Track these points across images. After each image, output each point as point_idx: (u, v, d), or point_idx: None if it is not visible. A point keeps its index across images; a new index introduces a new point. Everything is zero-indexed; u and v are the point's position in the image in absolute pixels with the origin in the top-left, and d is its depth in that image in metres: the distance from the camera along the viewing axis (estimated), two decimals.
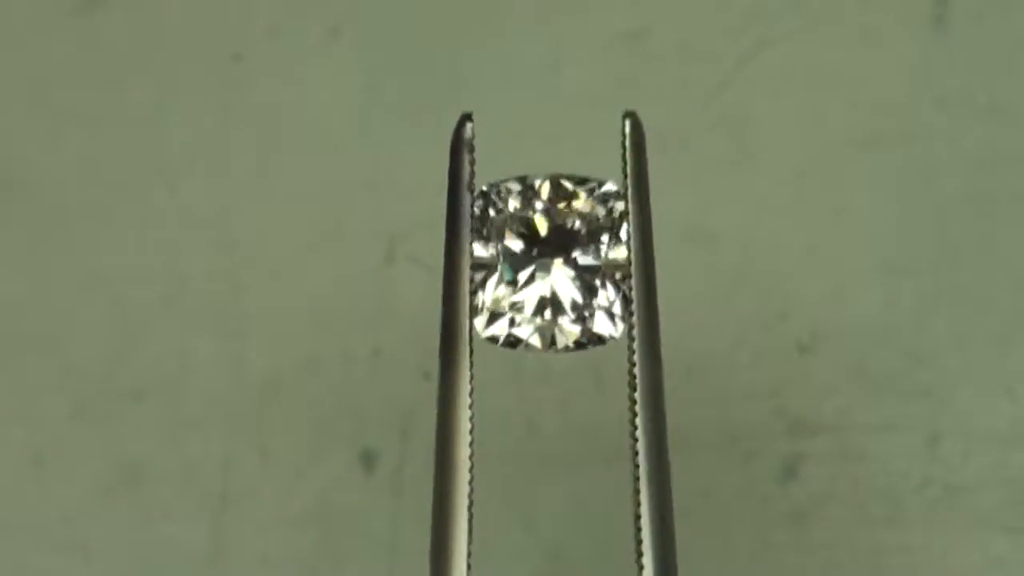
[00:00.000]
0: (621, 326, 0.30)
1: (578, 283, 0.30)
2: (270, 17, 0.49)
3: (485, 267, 0.31)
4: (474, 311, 0.31)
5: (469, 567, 0.28)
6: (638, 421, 0.29)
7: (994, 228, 0.45)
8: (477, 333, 0.30)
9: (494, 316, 0.31)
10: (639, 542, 0.29)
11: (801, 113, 0.46)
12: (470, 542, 0.28)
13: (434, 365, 0.45)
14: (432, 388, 0.45)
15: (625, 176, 0.30)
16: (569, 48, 0.48)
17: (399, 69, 0.48)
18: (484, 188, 0.31)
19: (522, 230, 0.31)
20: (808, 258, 0.45)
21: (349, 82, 0.48)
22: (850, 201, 0.45)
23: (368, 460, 0.45)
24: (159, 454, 0.46)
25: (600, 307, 0.30)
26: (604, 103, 0.47)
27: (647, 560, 0.28)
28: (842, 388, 0.43)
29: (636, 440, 0.29)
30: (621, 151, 0.30)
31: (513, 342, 0.31)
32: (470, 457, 0.29)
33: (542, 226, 0.31)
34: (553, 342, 0.30)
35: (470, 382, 0.30)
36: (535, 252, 0.31)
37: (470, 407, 0.30)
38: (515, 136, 0.47)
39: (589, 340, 0.30)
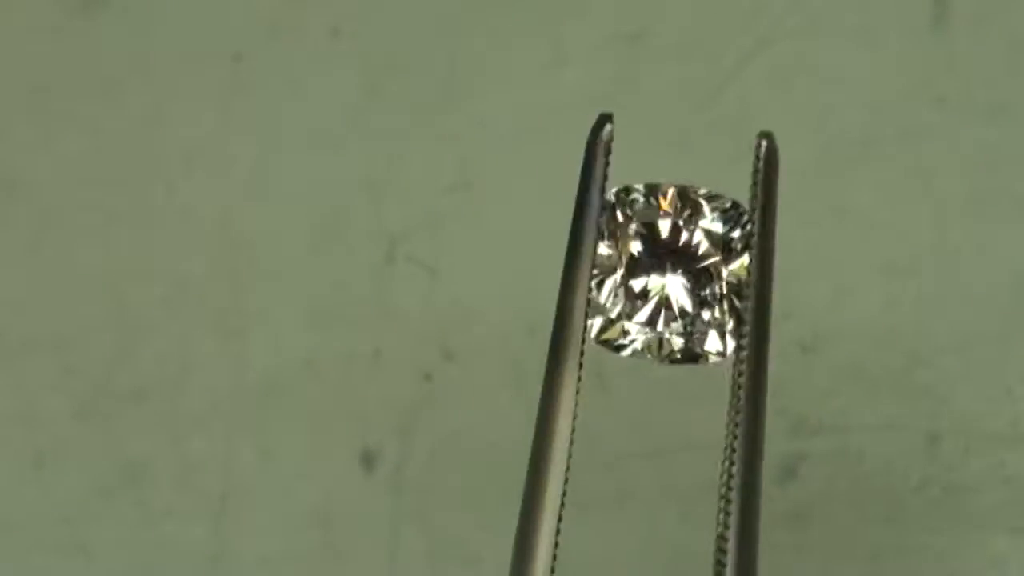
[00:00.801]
0: (731, 344, 0.31)
1: (693, 295, 0.30)
2: (270, 17, 0.49)
3: (605, 272, 0.31)
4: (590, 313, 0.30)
5: (553, 571, 0.28)
6: (736, 444, 0.29)
7: (994, 228, 0.45)
8: (590, 336, 0.30)
9: (609, 321, 0.31)
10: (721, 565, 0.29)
11: (801, 113, 0.46)
12: (556, 545, 0.28)
13: (434, 366, 0.45)
14: (433, 388, 0.45)
15: (754, 197, 0.30)
16: (569, 48, 0.48)
17: (399, 69, 0.48)
18: (614, 191, 0.31)
19: (645, 236, 0.31)
20: (808, 258, 0.45)
21: (349, 82, 0.48)
22: (850, 201, 0.45)
23: (368, 460, 0.45)
24: (159, 454, 0.46)
25: (712, 323, 0.31)
26: (604, 103, 0.47)
27: None
28: (842, 388, 0.43)
29: (732, 464, 0.29)
30: (752, 172, 0.30)
31: (622, 347, 0.31)
32: (567, 460, 0.29)
33: (665, 234, 0.31)
34: (662, 353, 0.30)
35: (577, 383, 0.30)
36: (655, 260, 0.31)
37: (574, 409, 0.29)
38: (515, 136, 0.47)
39: (696, 355, 0.31)
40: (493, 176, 0.41)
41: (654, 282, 0.30)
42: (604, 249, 0.31)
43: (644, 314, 0.30)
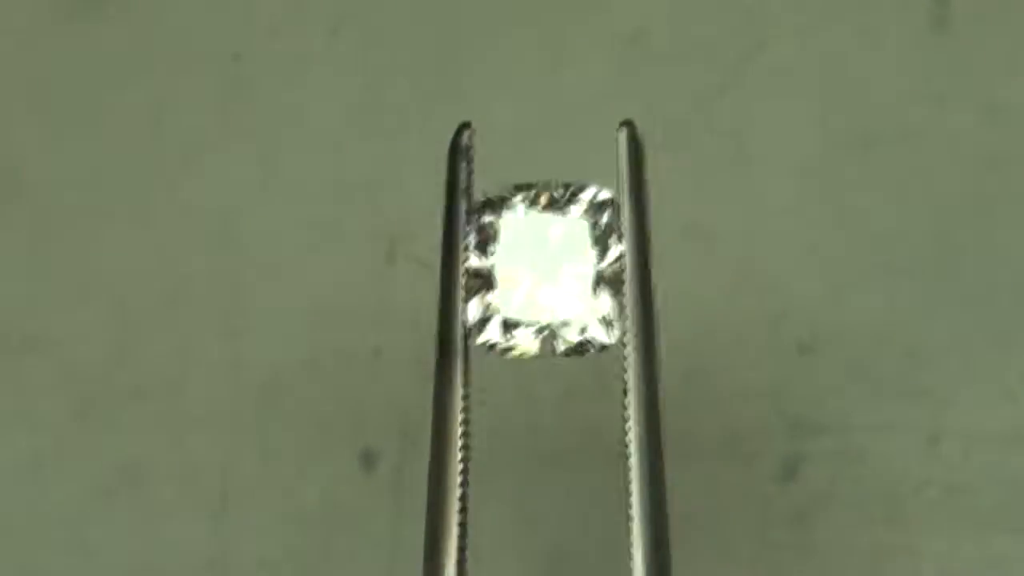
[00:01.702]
0: (617, 333, 0.30)
1: (575, 291, 0.30)
2: (270, 17, 0.49)
3: (482, 276, 0.31)
4: (469, 319, 0.31)
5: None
6: (629, 426, 0.29)
7: (994, 228, 0.45)
8: (471, 341, 0.30)
9: (488, 323, 0.31)
10: (631, 546, 0.29)
11: (801, 113, 0.46)
12: (463, 560, 0.28)
13: (434, 366, 0.45)
14: (432, 389, 0.45)
15: (619, 186, 0.30)
16: (569, 49, 0.48)
17: (399, 69, 0.48)
18: (483, 197, 0.31)
19: (519, 238, 0.31)
20: (808, 258, 0.45)
21: (349, 82, 0.48)
22: (850, 201, 0.45)
23: (368, 460, 0.45)
24: (159, 454, 0.46)
25: (596, 314, 0.31)
26: (604, 103, 0.47)
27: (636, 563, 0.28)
28: (842, 388, 0.43)
29: (628, 446, 0.29)
30: (616, 161, 0.30)
31: (507, 349, 0.31)
32: (462, 472, 0.29)
33: (539, 234, 0.31)
34: (550, 349, 0.30)
35: (464, 388, 0.30)
36: (532, 260, 0.31)
37: (463, 416, 0.30)
38: (515, 136, 0.47)
39: (584, 347, 0.31)
40: (493, 176, 0.41)
41: (533, 277, 0.31)
42: (478, 259, 0.31)
43: (527, 314, 0.30)
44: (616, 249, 0.31)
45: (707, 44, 0.47)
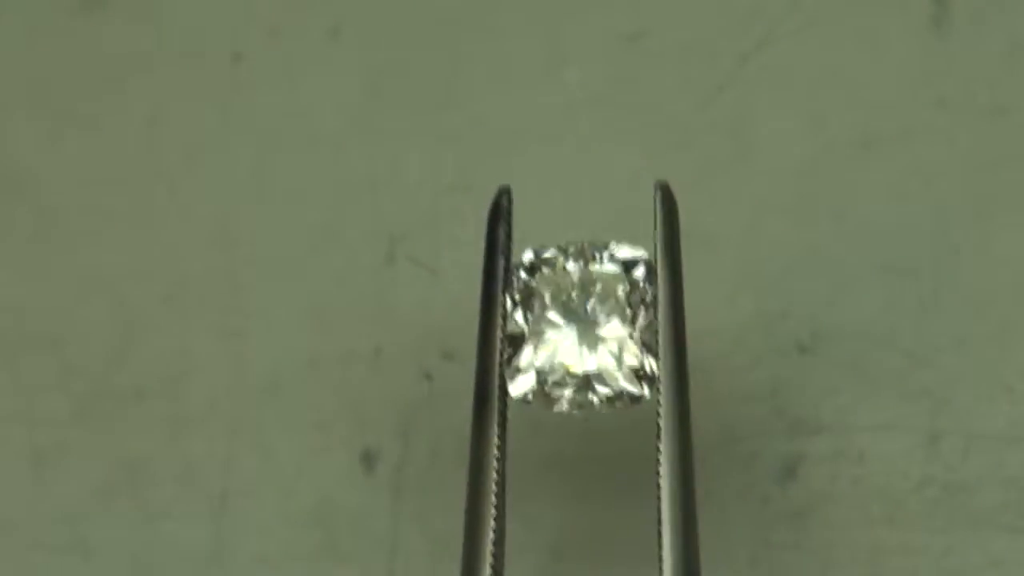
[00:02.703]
0: (649, 388, 0.31)
1: (610, 348, 0.31)
2: (270, 17, 0.49)
3: (517, 333, 0.32)
4: (507, 377, 0.32)
5: None
6: (662, 483, 0.30)
7: (994, 228, 0.45)
8: (509, 396, 0.31)
9: (524, 379, 0.31)
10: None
11: (801, 113, 0.46)
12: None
13: (434, 366, 0.45)
14: (433, 388, 0.45)
15: (656, 248, 0.31)
16: (569, 48, 0.48)
17: (399, 69, 0.48)
18: (524, 260, 0.32)
19: (555, 296, 0.31)
20: (808, 258, 0.45)
21: (349, 82, 0.48)
22: (850, 201, 0.45)
23: (368, 460, 0.45)
24: (159, 454, 0.46)
25: (631, 369, 0.31)
26: (604, 103, 0.47)
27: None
28: (842, 388, 0.43)
29: (661, 502, 0.30)
30: (653, 223, 0.31)
31: (543, 402, 0.31)
32: (495, 519, 0.30)
33: (574, 295, 0.31)
34: (582, 403, 0.31)
35: (498, 449, 0.31)
36: (568, 320, 0.31)
37: (497, 476, 0.31)
38: (515, 136, 0.47)
39: (617, 400, 0.31)
40: (493, 176, 0.41)
41: (571, 337, 0.31)
42: (516, 319, 0.32)
43: (559, 375, 0.31)
44: (650, 307, 0.32)
45: (707, 44, 0.47)
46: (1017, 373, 0.43)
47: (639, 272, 0.32)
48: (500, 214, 0.34)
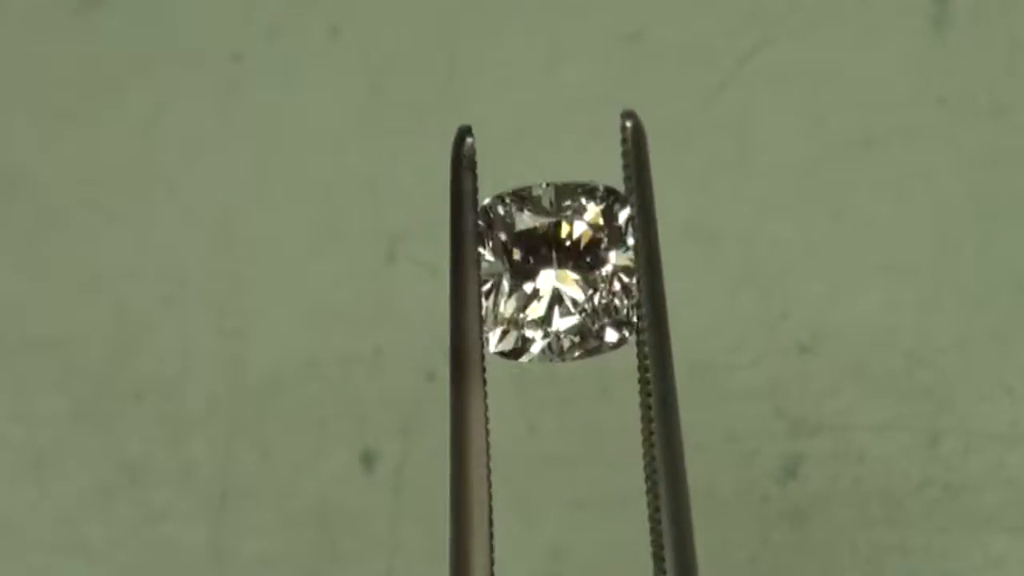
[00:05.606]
0: (629, 332, 0.31)
1: (585, 289, 0.31)
2: (270, 17, 0.49)
3: (490, 281, 0.31)
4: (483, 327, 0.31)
5: None
6: (653, 427, 0.29)
7: (994, 228, 0.45)
8: (488, 351, 0.30)
9: (503, 331, 0.31)
10: (659, 547, 0.29)
11: (801, 113, 0.46)
12: (492, 563, 0.28)
13: (436, 365, 0.46)
14: (434, 388, 0.45)
15: (627, 180, 0.30)
16: (569, 48, 0.48)
17: (399, 69, 0.48)
18: (486, 203, 0.31)
19: (526, 242, 0.31)
20: (808, 258, 0.45)
21: (349, 82, 0.48)
22: (850, 201, 0.45)
23: (368, 460, 0.45)
24: (159, 454, 0.46)
25: (607, 312, 0.31)
26: (604, 103, 0.47)
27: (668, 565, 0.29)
28: (842, 388, 0.43)
29: (652, 446, 0.29)
30: (622, 154, 0.30)
31: (521, 353, 0.31)
32: (487, 477, 0.29)
33: (545, 236, 0.31)
34: (562, 351, 0.30)
35: (484, 400, 0.30)
36: (541, 263, 0.31)
37: (486, 426, 0.29)
38: (515, 136, 0.47)
39: (595, 348, 0.31)
40: (493, 176, 0.41)
41: (542, 281, 0.30)
42: (489, 257, 0.31)
43: (539, 311, 0.30)
44: (626, 245, 0.31)
45: (707, 44, 0.47)
46: (1017, 373, 0.43)
47: (614, 211, 0.31)
48: (463, 161, 0.31)
